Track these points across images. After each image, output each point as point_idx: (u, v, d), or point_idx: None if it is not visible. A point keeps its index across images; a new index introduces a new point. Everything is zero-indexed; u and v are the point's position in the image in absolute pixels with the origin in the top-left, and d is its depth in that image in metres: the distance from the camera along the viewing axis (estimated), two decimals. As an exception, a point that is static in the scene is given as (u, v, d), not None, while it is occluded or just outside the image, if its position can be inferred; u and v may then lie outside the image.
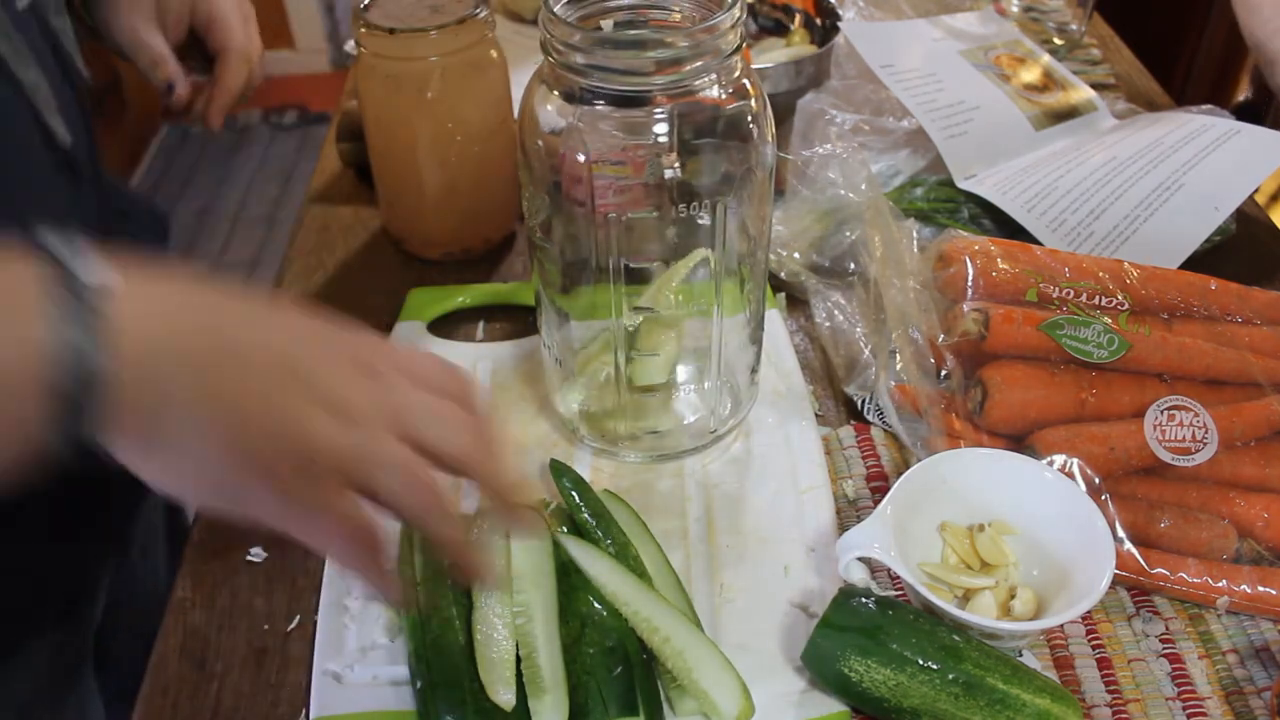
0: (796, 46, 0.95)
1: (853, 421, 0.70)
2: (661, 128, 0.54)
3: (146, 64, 0.72)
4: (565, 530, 0.59)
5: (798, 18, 0.97)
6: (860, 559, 0.55)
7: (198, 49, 0.76)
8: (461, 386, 0.45)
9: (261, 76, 0.77)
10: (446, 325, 0.78)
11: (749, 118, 0.56)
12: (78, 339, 0.36)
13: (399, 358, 0.44)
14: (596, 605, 0.54)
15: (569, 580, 0.56)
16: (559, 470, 0.62)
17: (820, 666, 0.52)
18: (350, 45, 0.79)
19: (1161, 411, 0.62)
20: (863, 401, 0.70)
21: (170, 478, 0.40)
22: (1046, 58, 0.98)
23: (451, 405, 0.44)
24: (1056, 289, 0.66)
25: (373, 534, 0.42)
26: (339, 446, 0.40)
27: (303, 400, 0.40)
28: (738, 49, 0.54)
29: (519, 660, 0.52)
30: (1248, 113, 1.08)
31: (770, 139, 0.57)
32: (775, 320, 0.75)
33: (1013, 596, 0.55)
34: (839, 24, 0.93)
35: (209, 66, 0.76)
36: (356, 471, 0.41)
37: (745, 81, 0.56)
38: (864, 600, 0.52)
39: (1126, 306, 0.65)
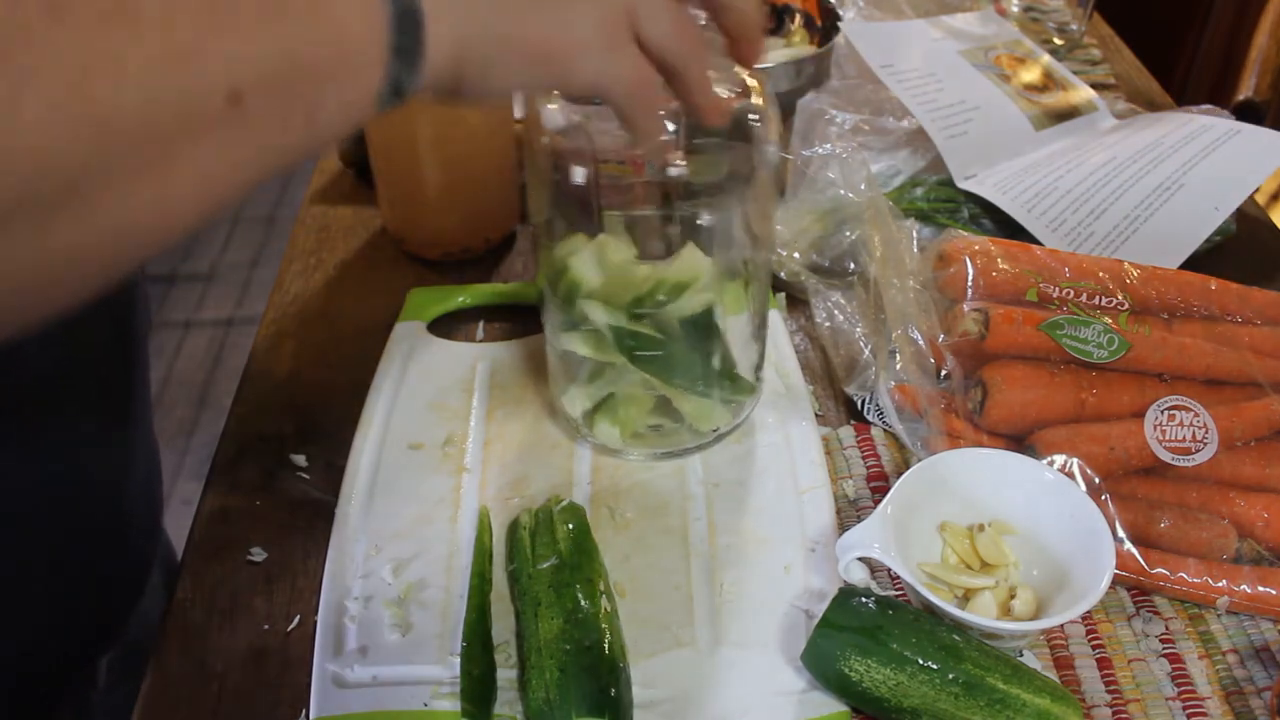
0: (796, 46, 0.95)
1: (853, 421, 0.70)
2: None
3: None
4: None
5: (798, 18, 0.97)
6: (860, 559, 0.55)
7: None
8: None
9: None
10: (446, 325, 0.77)
11: (752, 117, 0.56)
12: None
13: None
14: (583, 603, 0.54)
15: (563, 574, 0.56)
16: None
17: (820, 666, 0.52)
18: (350, 45, 0.78)
19: (1161, 411, 0.62)
20: (863, 401, 0.70)
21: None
22: (1046, 58, 0.98)
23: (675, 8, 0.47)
24: (1056, 289, 0.66)
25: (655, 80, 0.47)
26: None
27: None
28: (739, 48, 0.53)
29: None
30: (1248, 113, 1.08)
31: (774, 138, 0.57)
32: (775, 320, 0.75)
33: (1013, 596, 0.55)
34: (839, 24, 0.93)
35: None
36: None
37: (749, 80, 0.56)
38: (864, 600, 0.52)
39: (1126, 306, 0.65)
